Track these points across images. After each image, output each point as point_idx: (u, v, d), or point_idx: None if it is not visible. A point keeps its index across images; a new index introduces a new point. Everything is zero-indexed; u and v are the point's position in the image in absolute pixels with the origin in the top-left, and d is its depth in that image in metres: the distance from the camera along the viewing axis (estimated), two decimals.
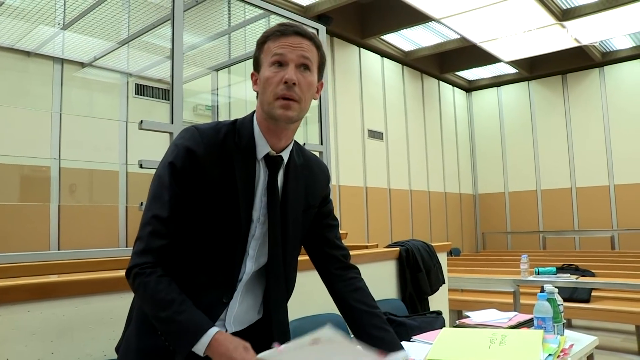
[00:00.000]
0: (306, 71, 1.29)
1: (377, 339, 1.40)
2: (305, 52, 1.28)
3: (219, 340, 1.14)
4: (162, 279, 1.20)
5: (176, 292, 1.20)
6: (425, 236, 10.22)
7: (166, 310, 1.17)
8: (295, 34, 1.28)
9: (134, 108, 5.59)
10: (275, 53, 1.27)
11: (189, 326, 1.16)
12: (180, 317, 1.16)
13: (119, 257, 2.87)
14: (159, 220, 1.23)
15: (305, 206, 1.43)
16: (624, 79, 10.34)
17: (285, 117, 1.26)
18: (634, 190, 10.07)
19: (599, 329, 5.80)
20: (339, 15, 7.93)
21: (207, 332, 1.15)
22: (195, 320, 1.17)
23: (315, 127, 4.08)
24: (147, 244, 1.23)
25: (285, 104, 1.25)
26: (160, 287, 1.19)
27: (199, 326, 1.16)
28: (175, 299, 1.18)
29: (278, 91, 1.25)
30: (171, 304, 1.17)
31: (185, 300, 1.19)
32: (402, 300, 3.39)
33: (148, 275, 1.20)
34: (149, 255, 1.22)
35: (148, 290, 1.19)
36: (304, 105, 1.29)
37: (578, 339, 2.18)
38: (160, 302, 1.18)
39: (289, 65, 1.26)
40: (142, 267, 1.21)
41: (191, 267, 1.29)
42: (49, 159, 4.82)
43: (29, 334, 1.62)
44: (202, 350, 1.14)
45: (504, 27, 8.31)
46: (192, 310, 1.18)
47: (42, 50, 4.95)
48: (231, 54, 5.48)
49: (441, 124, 11.43)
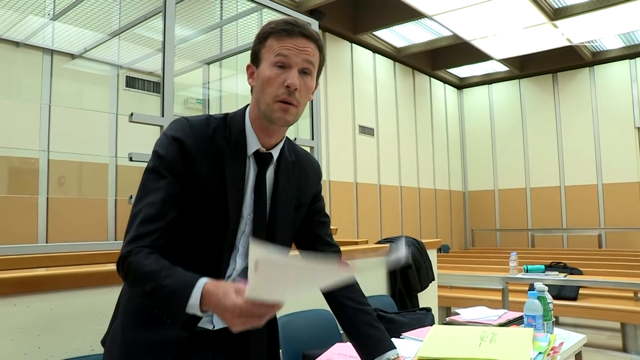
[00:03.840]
0: (307, 76, 1.27)
1: (368, 336, 1.40)
2: (310, 57, 1.26)
3: (210, 290, 1.04)
4: (150, 255, 1.15)
5: (164, 263, 1.13)
6: (415, 232, 10.25)
7: (154, 280, 1.10)
8: (301, 36, 1.25)
9: (124, 100, 5.55)
10: (280, 53, 1.23)
11: (176, 287, 1.07)
12: (166, 281, 1.08)
13: (108, 251, 2.86)
14: (147, 209, 1.20)
15: (297, 203, 1.42)
16: (613, 78, 10.41)
17: (283, 120, 1.25)
18: (622, 189, 10.15)
19: (586, 326, 5.85)
20: (331, 10, 7.90)
21: (197, 284, 1.05)
22: (182, 279, 1.08)
23: (306, 122, 4.07)
24: (136, 232, 1.19)
25: (284, 108, 1.23)
26: (147, 261, 1.13)
27: (187, 282, 1.07)
28: (163, 266, 1.12)
29: (279, 94, 1.23)
30: (158, 273, 1.10)
31: (173, 266, 1.12)
32: (392, 296, 3.40)
33: (135, 254, 1.15)
34: (138, 241, 1.17)
35: (135, 268, 1.13)
36: (301, 110, 1.28)
37: (567, 336, 2.19)
38: (147, 274, 1.11)
39: (292, 68, 1.23)
40: (129, 251, 1.16)
41: (180, 261, 1.27)
42: (37, 150, 4.77)
43: (15, 328, 1.60)
44: (197, 307, 1.04)
45: (496, 25, 8.33)
46: (179, 273, 1.10)
47: (31, 40, 4.89)
48: (223, 48, 5.45)
49: (432, 120, 11.45)
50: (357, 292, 1.47)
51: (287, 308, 2.41)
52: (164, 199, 1.21)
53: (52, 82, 4.98)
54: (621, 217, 10.08)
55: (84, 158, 5.09)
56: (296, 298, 0.88)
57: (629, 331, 5.03)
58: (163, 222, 1.20)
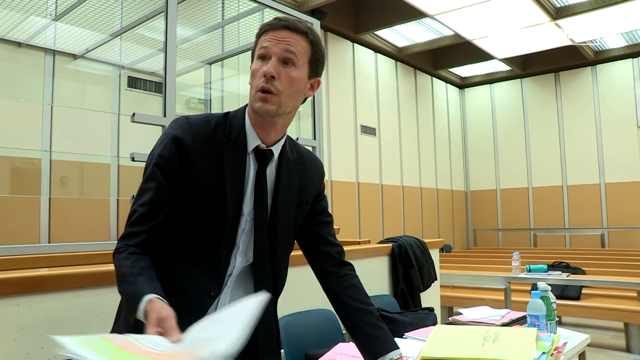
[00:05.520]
0: (290, 66, 1.27)
1: (371, 336, 1.39)
2: (290, 47, 1.26)
3: (147, 311, 1.07)
4: (129, 256, 1.20)
5: (137, 267, 1.17)
6: (417, 232, 10.24)
7: (121, 284, 1.17)
8: (283, 28, 1.27)
9: (126, 101, 5.55)
10: (262, 46, 1.27)
11: (132, 296, 1.11)
12: (127, 288, 1.15)
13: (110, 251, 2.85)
14: (142, 207, 1.24)
15: (298, 202, 1.42)
16: (616, 77, 10.38)
17: (262, 110, 1.25)
18: (625, 189, 10.13)
19: (589, 326, 5.84)
20: (333, 10, 7.90)
21: (142, 299, 1.08)
22: (138, 289, 1.12)
23: (308, 121, 4.07)
24: (126, 231, 1.25)
25: (263, 97, 1.24)
26: (124, 262, 1.19)
27: (138, 294, 1.10)
28: (132, 272, 1.16)
29: (259, 84, 1.25)
30: (126, 277, 1.16)
31: (142, 273, 1.16)
32: (394, 296, 3.39)
33: (120, 253, 1.21)
34: (125, 240, 1.24)
35: (116, 267, 1.21)
36: (284, 100, 1.27)
37: (570, 336, 2.18)
38: (119, 277, 1.18)
39: (271, 58, 1.25)
40: (117, 249, 1.23)
41: (180, 258, 1.29)
42: (39, 150, 4.78)
43: (18, 328, 1.60)
44: (143, 317, 1.08)
45: (498, 24, 8.31)
46: (142, 281, 1.14)
47: (33, 41, 4.90)
48: (224, 48, 5.45)
49: (434, 120, 11.44)
50: (360, 292, 1.47)
51: (289, 308, 2.41)
52: (154, 200, 1.24)
53: (54, 82, 4.99)
54: (624, 217, 10.05)
55: (86, 158, 5.09)
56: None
57: (633, 331, 5.01)
58: (152, 223, 1.24)
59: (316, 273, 1.51)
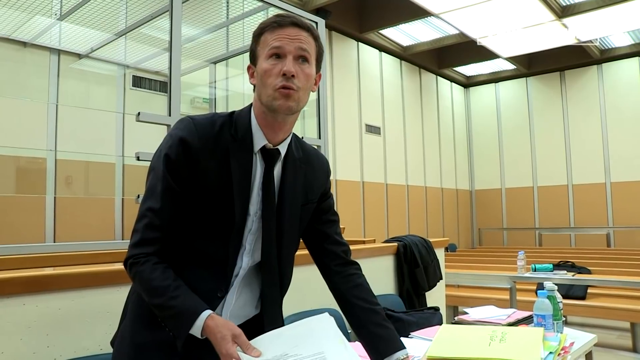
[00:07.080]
0: (304, 63, 1.27)
1: (377, 336, 1.38)
2: (303, 44, 1.26)
3: (210, 327, 1.15)
4: (157, 267, 1.21)
5: (171, 278, 1.20)
6: (422, 231, 10.23)
7: (161, 297, 1.18)
8: (292, 25, 1.27)
9: (131, 100, 5.56)
10: (273, 45, 1.25)
11: (183, 311, 1.16)
12: (173, 302, 1.17)
13: (115, 250, 2.85)
14: (153, 212, 1.23)
15: (304, 201, 1.41)
16: (622, 76, 10.34)
17: (285, 107, 1.25)
18: (630, 188, 10.09)
19: (595, 325, 5.82)
20: (338, 9, 7.89)
21: (200, 316, 1.16)
22: (188, 304, 1.17)
23: (313, 121, 4.06)
24: (142, 236, 1.23)
25: (285, 93, 1.23)
26: (154, 274, 1.19)
27: (192, 310, 1.16)
28: (170, 285, 1.19)
29: (277, 83, 1.23)
30: (165, 290, 1.18)
31: (179, 285, 1.20)
32: (400, 295, 3.38)
33: (142, 264, 1.21)
34: (144, 246, 1.23)
35: (144, 279, 1.20)
36: (302, 97, 1.28)
37: (577, 336, 2.17)
38: (155, 289, 1.19)
39: (287, 57, 1.24)
40: (136, 257, 1.22)
41: (186, 259, 1.28)
42: (45, 150, 4.79)
43: (24, 328, 1.60)
44: (198, 333, 1.16)
45: (503, 23, 8.28)
46: (186, 295, 1.19)
47: (38, 40, 4.91)
48: (229, 47, 5.45)
49: (438, 119, 11.42)
50: (366, 291, 1.46)
51: (294, 307, 2.40)
52: (165, 205, 1.24)
53: (59, 81, 5.00)
54: (630, 216, 10.01)
55: (91, 157, 5.10)
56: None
57: (639, 331, 4.99)
58: (165, 229, 1.25)
59: (322, 272, 1.50)
